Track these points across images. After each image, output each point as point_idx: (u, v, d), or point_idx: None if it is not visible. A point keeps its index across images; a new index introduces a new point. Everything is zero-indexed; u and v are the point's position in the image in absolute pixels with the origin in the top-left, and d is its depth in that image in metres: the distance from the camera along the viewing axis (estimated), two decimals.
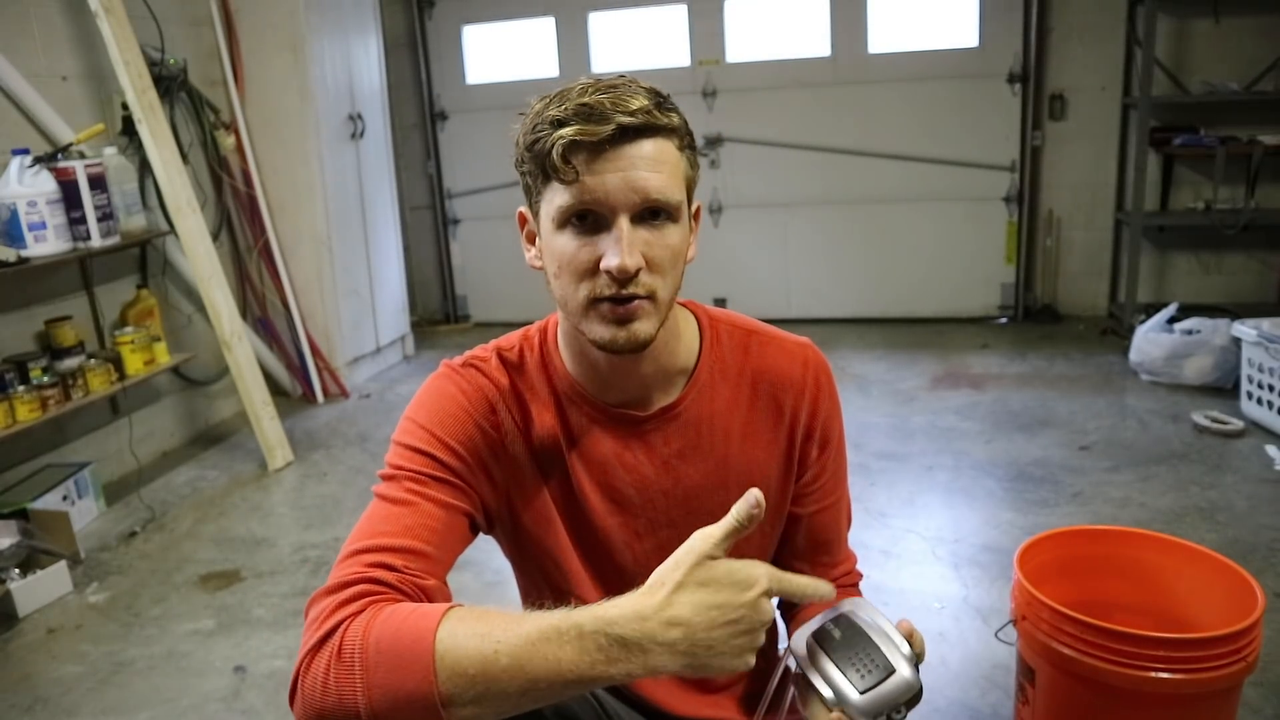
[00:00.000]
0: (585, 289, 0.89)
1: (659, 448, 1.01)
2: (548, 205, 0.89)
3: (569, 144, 0.84)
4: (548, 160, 0.86)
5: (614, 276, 0.87)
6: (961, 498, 2.81)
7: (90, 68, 3.18)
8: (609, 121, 0.84)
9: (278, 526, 2.88)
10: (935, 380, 3.90)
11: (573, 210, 0.87)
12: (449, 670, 0.73)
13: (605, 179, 0.85)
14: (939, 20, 4.54)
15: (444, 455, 0.94)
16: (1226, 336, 3.44)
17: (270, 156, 3.90)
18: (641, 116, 0.85)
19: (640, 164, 0.86)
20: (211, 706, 1.98)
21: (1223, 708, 1.39)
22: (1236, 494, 2.69)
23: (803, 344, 1.07)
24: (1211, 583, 1.49)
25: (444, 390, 0.99)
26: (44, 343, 2.92)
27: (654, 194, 0.86)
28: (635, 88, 0.88)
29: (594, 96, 0.85)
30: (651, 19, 4.83)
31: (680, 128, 0.90)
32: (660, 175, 0.87)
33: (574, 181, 0.85)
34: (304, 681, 0.76)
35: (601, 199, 0.86)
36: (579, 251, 0.88)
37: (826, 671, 0.81)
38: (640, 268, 0.87)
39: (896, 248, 4.78)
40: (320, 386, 4.07)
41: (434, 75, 5.12)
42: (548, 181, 0.88)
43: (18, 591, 2.38)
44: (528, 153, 0.89)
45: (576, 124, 0.84)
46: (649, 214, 0.88)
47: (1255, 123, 4.21)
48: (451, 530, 0.93)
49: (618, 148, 0.85)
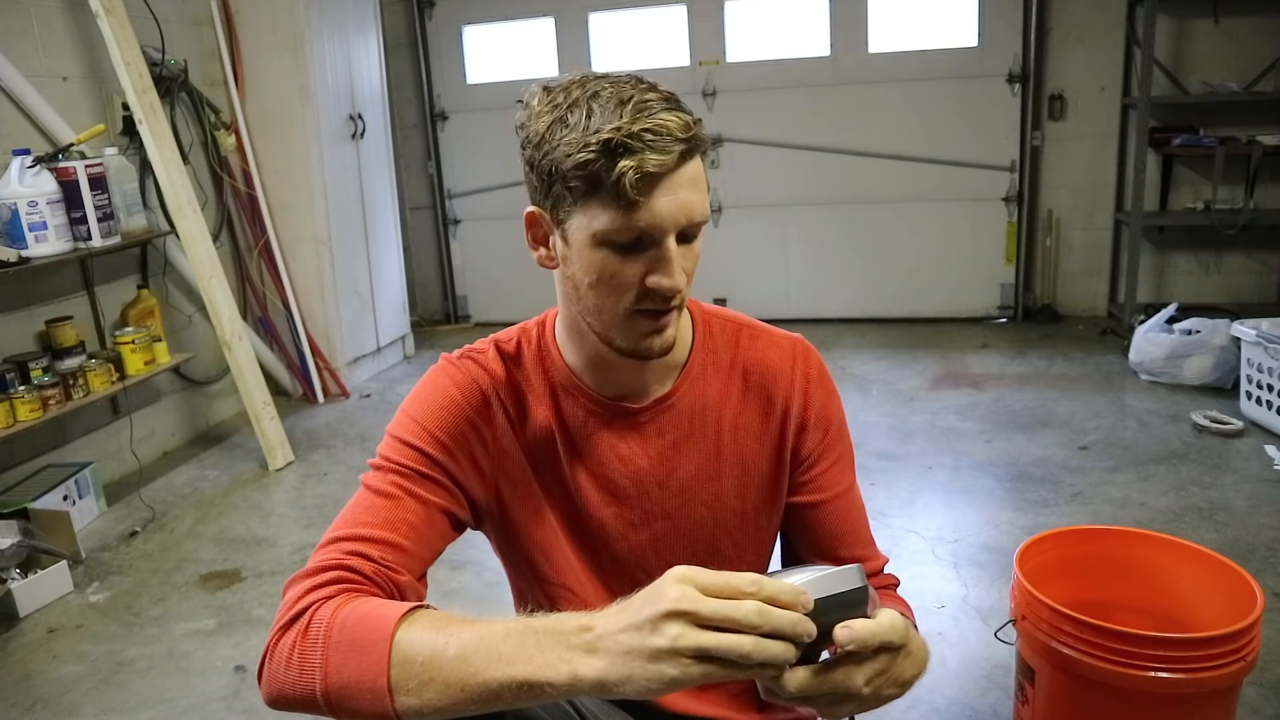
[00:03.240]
0: (625, 300, 0.90)
1: (653, 439, 1.02)
2: (585, 220, 0.87)
3: (646, 174, 0.83)
4: (615, 186, 0.83)
5: (663, 294, 0.89)
6: (961, 497, 2.81)
7: (91, 68, 3.18)
8: (672, 151, 0.84)
9: (278, 526, 2.88)
10: (935, 380, 3.90)
11: (623, 233, 0.86)
12: (400, 656, 0.74)
13: (660, 204, 0.85)
14: (939, 20, 4.54)
15: (432, 449, 0.95)
16: (1226, 336, 3.44)
17: (270, 156, 3.90)
18: (690, 138, 0.85)
19: (688, 186, 0.86)
20: (212, 706, 1.99)
21: (1222, 707, 1.39)
22: (1236, 494, 2.69)
23: (792, 338, 1.08)
24: (1211, 583, 1.49)
25: (438, 383, 1.00)
26: (45, 343, 2.93)
27: (698, 217, 0.88)
28: (667, 101, 0.87)
29: (656, 118, 0.83)
30: (651, 19, 4.83)
31: (705, 140, 0.90)
32: (701, 195, 0.88)
33: (627, 204, 0.84)
34: (270, 658, 0.80)
35: (655, 224, 0.86)
36: (623, 267, 0.88)
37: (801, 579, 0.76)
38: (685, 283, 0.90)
39: (896, 248, 4.78)
40: (320, 386, 4.07)
41: (434, 75, 5.12)
42: (589, 198, 0.86)
43: (18, 591, 2.38)
44: (571, 168, 0.85)
45: (650, 153, 0.83)
46: (688, 232, 0.90)
47: (1254, 123, 4.21)
48: (431, 527, 0.94)
49: (673, 173, 0.85)
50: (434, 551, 0.95)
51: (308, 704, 0.78)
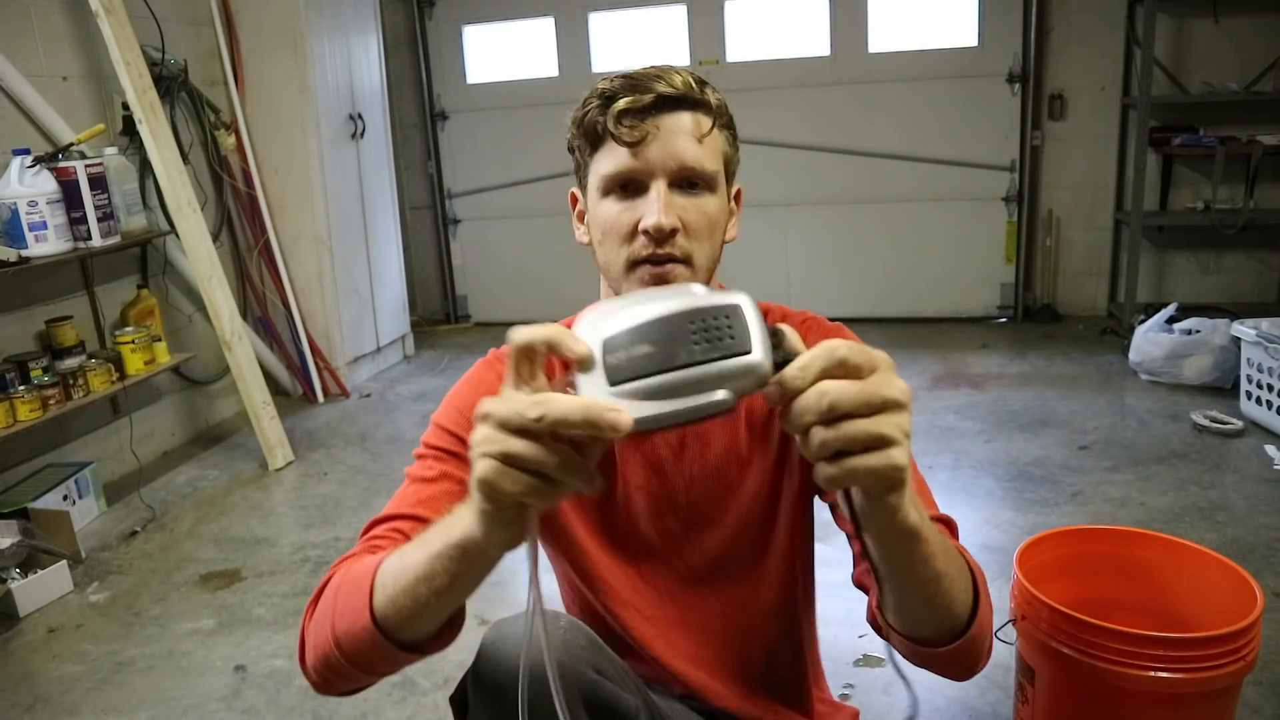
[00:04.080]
0: (626, 252, 0.94)
1: (676, 430, 1.02)
2: (594, 176, 0.95)
3: (619, 111, 0.91)
4: (597, 125, 0.92)
5: (651, 236, 0.91)
6: (961, 497, 2.81)
7: (91, 68, 3.18)
8: (651, 91, 0.91)
9: (278, 526, 2.88)
10: (935, 380, 3.90)
11: (616, 178, 0.93)
12: (380, 580, 0.77)
13: (647, 146, 0.91)
14: (939, 20, 4.54)
15: (465, 433, 0.94)
16: (1226, 336, 3.44)
17: (270, 156, 3.90)
18: (683, 88, 0.92)
19: (679, 133, 0.92)
20: (211, 706, 1.99)
21: (1222, 707, 1.39)
22: (1236, 493, 2.69)
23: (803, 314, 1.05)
24: (1211, 582, 1.49)
25: (484, 377, 1.03)
26: (45, 342, 2.92)
27: (690, 161, 0.92)
28: (678, 70, 0.95)
29: (639, 71, 0.94)
30: (651, 19, 4.83)
31: (719, 107, 0.96)
32: (696, 146, 0.93)
33: (619, 144, 0.91)
34: (306, 627, 0.85)
35: (642, 165, 0.92)
36: (620, 215, 0.93)
37: (685, 382, 0.57)
38: (676, 229, 0.91)
39: (896, 247, 4.78)
40: (320, 386, 4.07)
41: (434, 75, 5.12)
42: (594, 152, 0.95)
43: (18, 591, 2.38)
44: (577, 128, 0.96)
45: (622, 92, 0.92)
46: (687, 183, 0.93)
47: (1254, 123, 4.21)
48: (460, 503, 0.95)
49: (659, 117, 0.91)
50: None
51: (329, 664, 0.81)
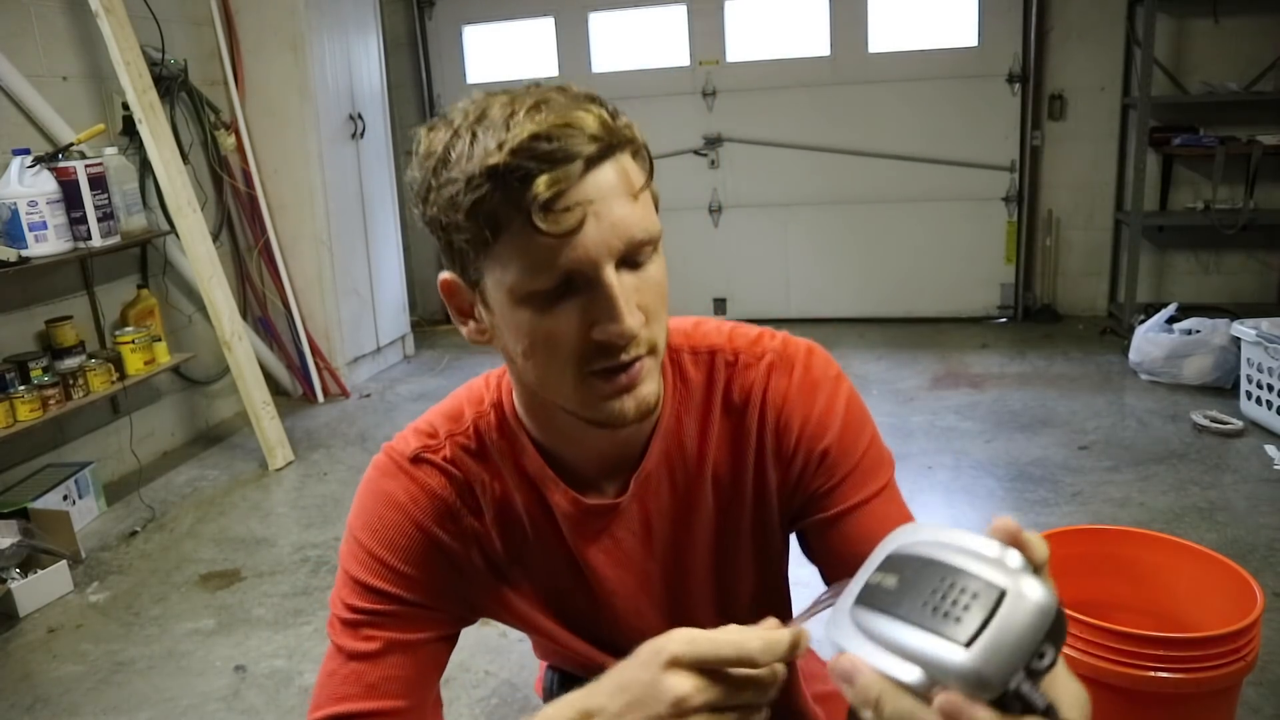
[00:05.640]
0: (572, 367, 0.72)
1: (637, 514, 0.88)
2: (496, 276, 0.71)
3: (545, 199, 0.65)
4: (503, 218, 0.67)
5: (614, 345, 0.70)
6: (961, 497, 2.81)
7: (91, 68, 3.18)
8: (572, 154, 0.65)
9: (278, 526, 2.88)
10: (935, 380, 3.90)
11: (547, 282, 0.69)
12: None
13: (583, 231, 0.67)
14: (938, 20, 4.54)
15: (399, 588, 0.82)
16: (1226, 336, 3.44)
17: (270, 156, 3.90)
18: (601, 130, 0.67)
19: (611, 197, 0.68)
20: (211, 706, 1.99)
21: (1222, 707, 1.39)
22: (1236, 494, 2.69)
23: (769, 350, 0.89)
24: (1211, 582, 1.49)
25: (391, 498, 0.84)
26: (44, 342, 2.92)
27: (639, 233, 0.69)
28: (566, 98, 0.69)
29: (553, 119, 0.65)
30: (651, 19, 4.82)
31: (637, 135, 0.72)
32: (639, 205, 0.70)
33: (544, 237, 0.67)
34: None
35: (580, 257, 0.67)
36: (557, 325, 0.70)
37: (895, 639, 0.50)
38: (641, 323, 0.71)
39: (896, 247, 4.78)
40: (320, 386, 4.07)
41: (434, 75, 5.13)
42: (490, 246, 0.69)
43: (18, 591, 2.38)
44: (461, 216, 0.68)
45: (537, 164, 0.65)
46: (632, 259, 0.71)
47: (1254, 123, 4.21)
48: (424, 666, 0.85)
49: (584, 183, 0.67)
50: (436, 680, 0.86)
51: None
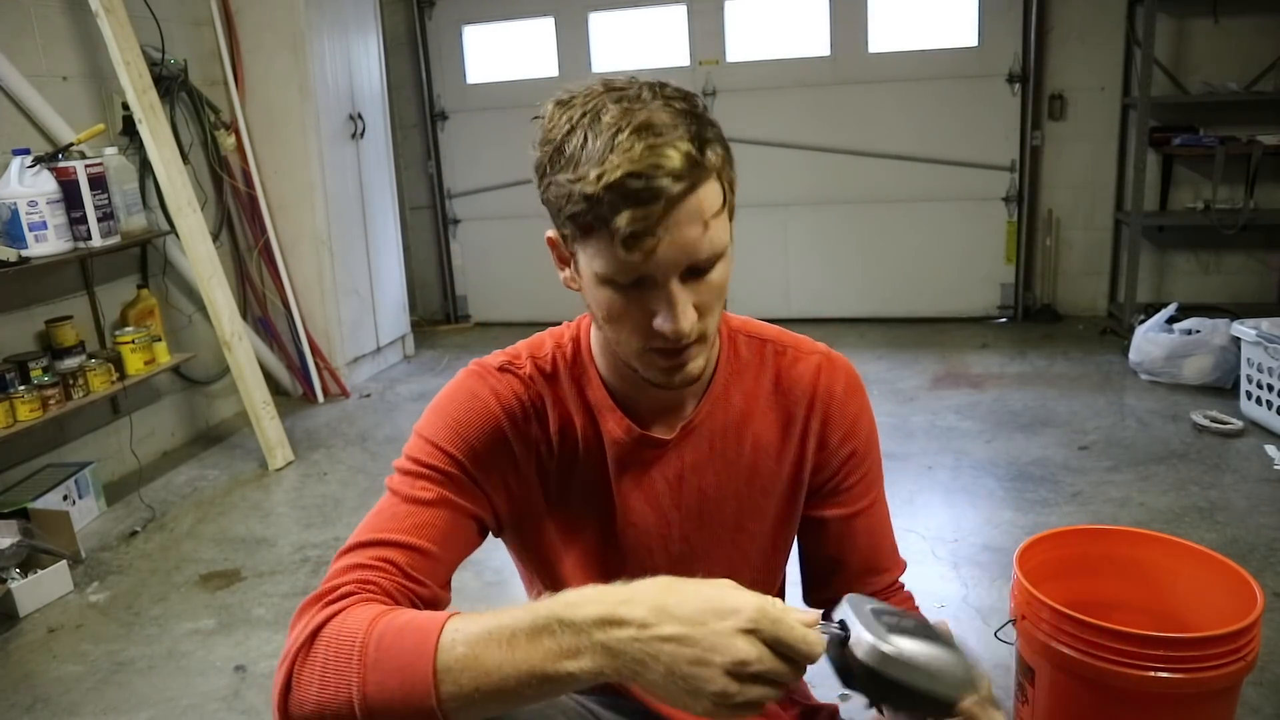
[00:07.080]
0: (637, 340, 0.87)
1: (675, 462, 1.00)
2: (587, 258, 0.84)
3: (626, 235, 0.78)
4: (590, 225, 0.80)
5: (668, 336, 0.84)
6: (961, 497, 2.81)
7: (91, 68, 3.18)
8: (658, 195, 0.77)
9: (278, 526, 2.88)
10: (935, 380, 3.90)
11: (624, 279, 0.82)
12: (446, 664, 0.72)
13: (657, 249, 0.79)
14: (938, 20, 4.54)
15: (464, 457, 0.93)
16: (1226, 336, 3.44)
17: (270, 156, 3.90)
18: (686, 169, 0.78)
19: (686, 225, 0.80)
20: (211, 706, 1.99)
21: (1222, 707, 1.39)
22: (1236, 494, 2.69)
23: (819, 351, 1.05)
24: (1211, 582, 1.49)
25: (476, 391, 0.96)
26: (44, 342, 2.92)
27: (703, 254, 0.82)
28: (669, 114, 0.79)
29: (648, 160, 0.76)
30: (651, 19, 4.83)
31: (721, 159, 0.83)
32: (710, 230, 0.82)
33: (628, 254, 0.80)
34: (298, 681, 0.75)
35: (652, 271, 0.81)
36: (628, 307, 0.85)
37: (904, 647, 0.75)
38: (694, 322, 0.84)
39: (896, 247, 4.78)
40: (320, 386, 4.07)
41: (434, 75, 5.12)
42: (583, 240, 0.83)
43: (18, 591, 2.38)
44: (563, 215, 0.83)
45: (636, 207, 0.77)
46: (698, 269, 0.84)
47: (1254, 123, 4.21)
48: (459, 533, 0.92)
49: (666, 218, 0.79)
50: (461, 557, 0.93)
51: None
